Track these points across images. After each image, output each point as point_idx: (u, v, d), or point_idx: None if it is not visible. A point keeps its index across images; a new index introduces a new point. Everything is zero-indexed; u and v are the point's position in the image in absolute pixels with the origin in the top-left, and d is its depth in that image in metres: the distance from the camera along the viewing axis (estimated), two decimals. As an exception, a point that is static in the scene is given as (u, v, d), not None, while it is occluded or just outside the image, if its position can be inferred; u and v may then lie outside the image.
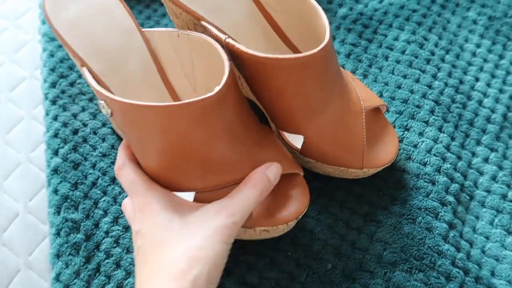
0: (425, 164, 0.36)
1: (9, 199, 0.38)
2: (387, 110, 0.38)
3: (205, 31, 0.34)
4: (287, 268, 0.33)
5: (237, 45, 0.30)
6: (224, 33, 0.34)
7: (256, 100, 0.39)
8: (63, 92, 0.42)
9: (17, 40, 0.47)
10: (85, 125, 0.40)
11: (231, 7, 0.35)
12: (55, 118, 0.40)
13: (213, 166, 0.29)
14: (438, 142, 0.37)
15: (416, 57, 0.42)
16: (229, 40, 0.30)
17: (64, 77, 0.42)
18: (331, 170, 0.35)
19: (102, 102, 0.30)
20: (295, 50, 0.37)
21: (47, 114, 0.41)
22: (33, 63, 0.45)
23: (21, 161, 0.40)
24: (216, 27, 0.33)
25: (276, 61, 0.29)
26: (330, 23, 0.44)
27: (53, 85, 0.42)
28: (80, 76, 0.42)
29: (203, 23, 0.33)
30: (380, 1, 0.45)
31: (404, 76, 0.41)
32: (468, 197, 0.36)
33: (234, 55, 0.31)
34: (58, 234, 0.35)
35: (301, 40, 0.36)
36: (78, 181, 0.37)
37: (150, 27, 0.46)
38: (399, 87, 0.40)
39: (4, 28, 0.48)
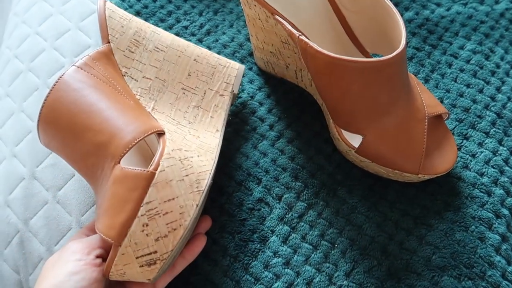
0: (482, 175, 0.36)
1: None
2: (448, 117, 0.38)
3: (276, 24, 0.34)
4: (332, 259, 0.34)
5: (310, 43, 0.30)
6: (297, 29, 0.35)
7: (315, 95, 0.40)
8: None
9: (84, 8, 0.49)
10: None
11: (305, 4, 0.36)
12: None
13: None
14: (497, 154, 0.37)
15: (481, 67, 0.42)
16: (302, 37, 0.31)
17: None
18: (384, 172, 0.36)
19: None
20: (362, 50, 0.38)
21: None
22: (98, 33, 0.47)
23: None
24: (289, 22, 0.34)
25: (349, 62, 0.29)
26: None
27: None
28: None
29: (277, 17, 0.33)
30: (448, 9, 0.45)
31: (468, 85, 0.41)
32: (522, 213, 0.36)
33: (304, 51, 0.31)
34: None
35: (370, 41, 0.37)
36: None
37: (215, 10, 0.47)
38: (461, 95, 0.40)
39: (73, -4, 0.50)
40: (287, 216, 0.36)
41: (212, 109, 0.36)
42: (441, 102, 0.40)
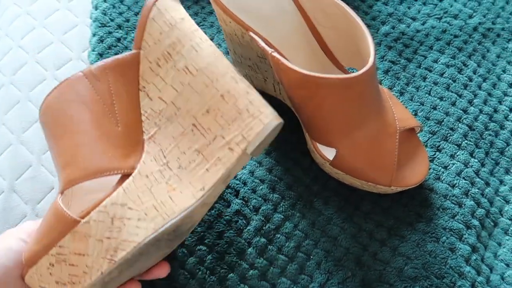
0: (453, 186, 0.37)
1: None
2: (421, 130, 0.39)
3: (252, 40, 0.35)
4: (308, 270, 0.35)
5: (282, 60, 0.31)
6: (271, 45, 0.36)
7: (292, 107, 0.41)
8: (108, 76, 0.44)
9: (67, 21, 0.49)
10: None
11: (280, 20, 0.37)
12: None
13: None
14: (468, 166, 0.38)
15: (454, 81, 0.43)
16: (275, 54, 0.32)
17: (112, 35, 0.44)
18: (359, 184, 0.37)
19: None
20: (338, 65, 0.39)
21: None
22: (81, 45, 0.48)
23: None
24: (263, 38, 0.35)
25: (319, 79, 0.30)
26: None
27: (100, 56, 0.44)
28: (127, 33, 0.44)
29: (251, 33, 0.34)
30: (423, 23, 0.47)
31: (441, 98, 0.42)
32: (492, 223, 0.37)
33: (277, 68, 0.32)
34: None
35: (345, 56, 0.38)
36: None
37: (197, 23, 0.48)
38: (434, 108, 0.41)
39: (55, 9, 0.50)
40: (264, 228, 0.37)
41: (213, 161, 0.30)
42: (415, 114, 0.41)
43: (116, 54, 0.45)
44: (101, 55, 0.45)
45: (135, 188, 0.29)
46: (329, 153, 0.36)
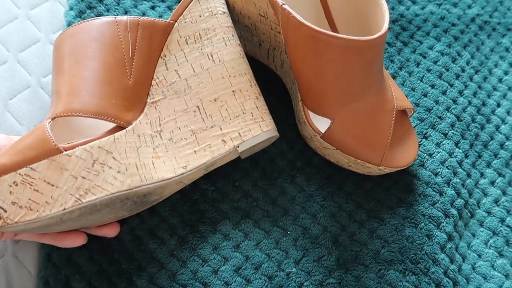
0: (436, 174, 0.37)
1: (13, 120, 0.37)
2: (413, 114, 0.38)
3: None
4: (283, 245, 0.34)
5: (294, 14, 0.29)
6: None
7: (285, 78, 0.39)
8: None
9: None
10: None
11: None
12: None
13: None
14: (452, 156, 0.38)
15: (447, 70, 0.42)
16: (286, 7, 0.30)
17: (92, 8, 0.41)
18: (346, 161, 0.36)
19: None
20: (335, 31, 0.37)
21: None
22: (51, 25, 0.43)
23: (31, 84, 0.39)
24: None
25: (332, 38, 0.29)
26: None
27: (79, 14, 0.40)
28: (108, 10, 0.41)
29: None
30: (423, 7, 0.46)
31: (432, 86, 0.41)
32: (469, 214, 0.37)
33: (286, 22, 0.30)
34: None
35: (345, 24, 0.37)
36: None
37: None
38: (425, 95, 0.41)
39: None
40: (241, 201, 0.36)
41: (203, 146, 0.32)
42: (406, 99, 0.41)
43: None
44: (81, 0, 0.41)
45: (124, 142, 0.29)
46: (321, 126, 0.35)
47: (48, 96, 0.39)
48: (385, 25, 0.30)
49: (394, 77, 0.42)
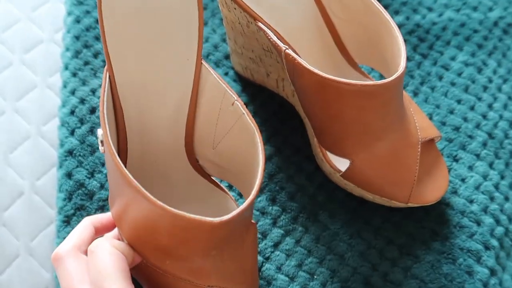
0: (471, 202, 0.35)
1: (14, 174, 0.36)
2: (439, 139, 0.36)
3: (258, 31, 0.31)
4: (312, 292, 0.32)
5: (299, 59, 0.27)
6: (281, 38, 0.32)
7: (298, 106, 0.37)
8: (86, 63, 0.38)
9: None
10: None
11: (291, 9, 0.32)
12: (73, 92, 0.37)
13: None
14: (487, 179, 0.36)
15: (473, 82, 0.40)
16: (289, 52, 0.28)
17: (89, 47, 0.39)
18: (370, 197, 0.34)
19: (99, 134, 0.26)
20: (350, 60, 0.35)
21: (65, 87, 0.38)
22: (53, 24, 0.42)
23: (31, 134, 0.37)
24: (273, 30, 0.30)
25: (343, 85, 0.26)
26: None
27: (76, 55, 0.38)
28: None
29: (260, 24, 0.30)
30: (440, 14, 0.43)
31: (458, 101, 0.39)
32: (510, 242, 0.35)
33: (291, 67, 0.28)
34: (67, 222, 0.33)
35: (360, 52, 0.34)
36: (95, 169, 0.34)
37: None
38: (451, 112, 0.38)
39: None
40: (260, 245, 0.33)
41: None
42: (430, 118, 0.38)
43: (95, 37, 0.40)
44: (77, 38, 0.39)
45: None
46: (340, 163, 0.33)
47: (49, 145, 0.37)
48: (402, 64, 0.27)
49: (415, 94, 0.40)
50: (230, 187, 0.35)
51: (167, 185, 0.32)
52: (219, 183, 0.33)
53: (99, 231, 0.29)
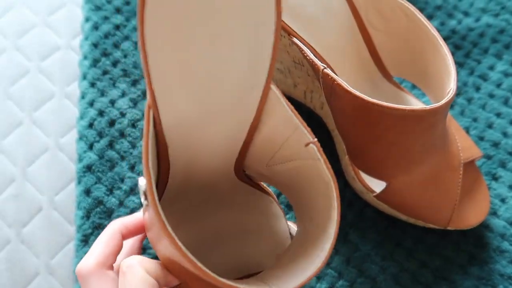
0: (512, 224, 0.33)
1: (33, 189, 0.35)
2: (480, 158, 0.34)
3: (291, 45, 0.29)
4: (342, 318, 0.31)
5: (338, 80, 0.26)
6: (316, 53, 0.30)
7: (326, 118, 0.35)
8: (104, 73, 0.37)
9: (53, 0, 0.42)
10: (123, 114, 0.36)
11: (328, 24, 0.30)
12: (91, 104, 0.36)
13: None
14: (529, 199, 0.34)
15: (513, 94, 0.38)
16: (328, 71, 0.26)
17: (107, 55, 0.38)
18: (404, 218, 0.32)
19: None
20: (385, 73, 0.33)
21: (83, 97, 0.36)
22: (71, 30, 0.40)
23: (49, 147, 0.36)
24: (308, 45, 0.28)
25: (387, 109, 0.25)
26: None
27: (95, 63, 0.37)
28: (125, 56, 0.38)
29: (295, 39, 0.28)
30: (477, 19, 0.41)
31: (498, 115, 0.37)
32: (553, 267, 0.33)
33: (329, 88, 0.26)
34: (85, 241, 0.32)
35: (396, 65, 0.32)
36: (114, 186, 0.33)
37: None
38: (489, 127, 0.36)
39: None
40: (291, 266, 0.32)
41: None
42: (467, 132, 0.36)
43: (114, 44, 0.38)
44: (95, 46, 0.38)
45: None
46: (374, 182, 0.31)
47: (68, 158, 0.36)
48: (452, 86, 0.25)
49: (451, 107, 0.38)
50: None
51: (206, 192, 0.29)
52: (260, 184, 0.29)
53: (127, 237, 0.27)
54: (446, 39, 0.40)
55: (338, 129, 0.29)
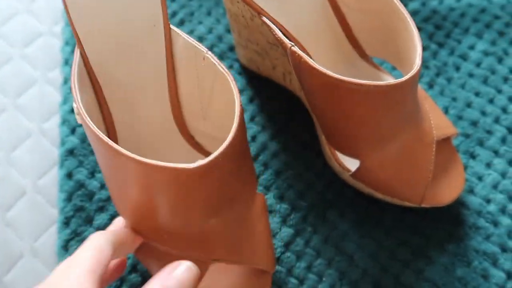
0: (488, 201, 0.33)
1: (16, 174, 0.35)
2: (456, 136, 0.34)
3: (262, 25, 0.29)
4: (320, 295, 0.31)
5: (305, 57, 0.26)
6: (287, 33, 0.30)
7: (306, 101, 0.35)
8: (86, 58, 0.37)
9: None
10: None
11: (299, 2, 0.31)
12: (75, 88, 0.36)
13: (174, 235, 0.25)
14: (506, 177, 0.34)
15: (493, 73, 0.38)
16: (295, 49, 0.26)
17: (89, 41, 0.38)
18: (381, 197, 0.32)
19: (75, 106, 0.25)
20: (361, 53, 0.33)
21: (65, 83, 0.37)
22: (53, 16, 0.41)
23: (33, 132, 0.37)
24: (278, 24, 0.29)
25: (353, 85, 0.25)
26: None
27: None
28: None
29: (264, 19, 0.29)
30: (458, -1, 0.41)
31: (476, 94, 0.37)
32: (529, 243, 0.33)
33: (297, 66, 0.27)
34: (67, 223, 0.33)
35: (371, 44, 0.33)
36: (96, 169, 0.34)
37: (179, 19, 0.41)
38: (468, 106, 0.37)
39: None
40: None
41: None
42: (446, 112, 0.37)
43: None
44: (77, 31, 0.38)
45: None
46: (350, 162, 0.32)
47: (51, 143, 0.36)
48: (417, 61, 0.26)
49: (431, 86, 0.38)
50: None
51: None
52: None
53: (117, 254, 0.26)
54: (427, 19, 0.40)
55: (311, 108, 0.30)
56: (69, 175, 0.34)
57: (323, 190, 0.35)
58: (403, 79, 0.25)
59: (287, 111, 0.37)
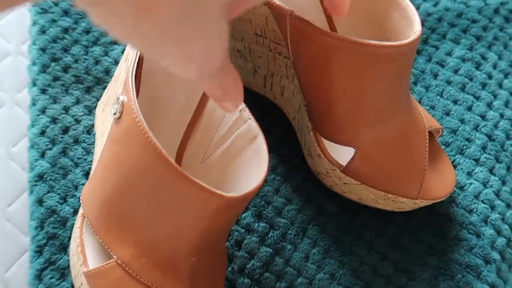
0: (471, 212, 0.33)
1: (-15, 201, 0.34)
2: (441, 134, 0.33)
3: (254, 8, 0.29)
4: (302, 316, 0.31)
5: (307, 21, 0.25)
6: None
7: (286, 107, 0.34)
8: (55, 79, 0.36)
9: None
10: (78, 121, 0.35)
11: None
12: (43, 111, 0.35)
13: None
14: (488, 186, 0.34)
15: (471, 79, 0.37)
16: (296, 14, 0.26)
17: (57, 60, 0.37)
18: (373, 197, 0.31)
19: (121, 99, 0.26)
20: (332, 27, 0.33)
21: (34, 104, 0.36)
22: (21, 35, 0.40)
23: (0, 156, 0.36)
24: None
25: (357, 46, 0.24)
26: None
27: (44, 69, 0.36)
28: (76, 61, 0.37)
29: None
30: (435, 4, 0.40)
31: (455, 102, 0.36)
32: (513, 253, 0.33)
33: (299, 33, 0.27)
34: (40, 252, 0.32)
35: (345, 26, 0.32)
36: (68, 193, 0.33)
37: None
38: (447, 114, 0.36)
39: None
40: (247, 266, 0.32)
41: None
42: (426, 120, 0.36)
43: (63, 49, 0.38)
44: (43, 50, 0.37)
45: None
46: (341, 157, 0.31)
47: (20, 168, 0.35)
48: (418, 28, 0.25)
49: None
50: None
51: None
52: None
53: None
54: (403, 26, 0.40)
55: (306, 89, 0.29)
56: (39, 202, 0.33)
57: (303, 206, 0.34)
58: (407, 41, 0.25)
59: (265, 122, 0.36)
